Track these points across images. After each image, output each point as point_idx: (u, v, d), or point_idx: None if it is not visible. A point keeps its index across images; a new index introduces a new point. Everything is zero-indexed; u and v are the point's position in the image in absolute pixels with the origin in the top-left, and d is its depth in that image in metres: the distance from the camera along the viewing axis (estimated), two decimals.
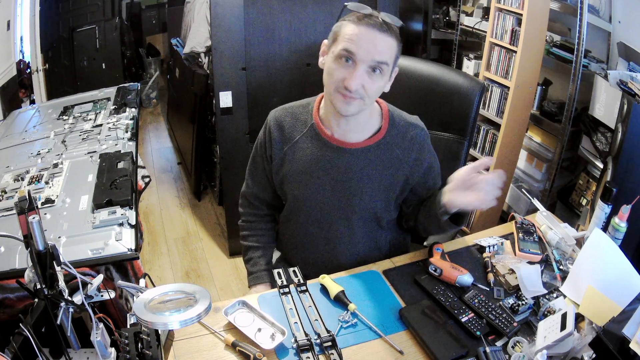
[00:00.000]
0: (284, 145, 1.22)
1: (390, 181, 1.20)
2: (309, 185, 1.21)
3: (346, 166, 1.18)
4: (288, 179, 1.23)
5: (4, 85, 2.35)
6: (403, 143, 1.19)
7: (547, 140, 2.48)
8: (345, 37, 1.03)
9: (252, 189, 1.34)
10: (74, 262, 0.99)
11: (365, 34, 1.01)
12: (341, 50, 1.03)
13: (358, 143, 1.18)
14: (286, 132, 1.22)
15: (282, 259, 1.44)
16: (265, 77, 2.23)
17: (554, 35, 2.40)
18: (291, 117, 1.23)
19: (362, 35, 1.01)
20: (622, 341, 0.84)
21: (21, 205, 0.84)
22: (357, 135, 1.18)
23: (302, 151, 1.20)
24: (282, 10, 2.16)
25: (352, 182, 1.19)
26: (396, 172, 1.19)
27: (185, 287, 0.92)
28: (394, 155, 1.19)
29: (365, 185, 1.19)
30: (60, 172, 1.55)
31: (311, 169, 1.20)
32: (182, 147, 3.52)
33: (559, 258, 1.24)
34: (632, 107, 1.69)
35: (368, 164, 1.18)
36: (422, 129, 1.22)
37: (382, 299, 1.12)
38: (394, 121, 1.20)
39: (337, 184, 1.20)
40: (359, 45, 1.01)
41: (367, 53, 1.02)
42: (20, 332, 0.80)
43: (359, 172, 1.18)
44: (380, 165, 1.19)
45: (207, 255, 2.63)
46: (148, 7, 4.82)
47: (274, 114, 1.25)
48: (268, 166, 1.27)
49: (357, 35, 1.01)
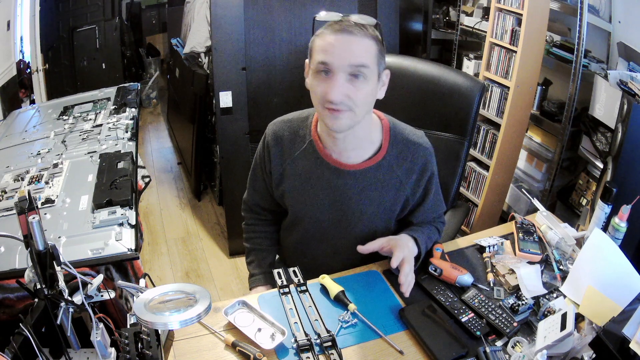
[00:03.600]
0: (283, 161, 1.19)
1: (391, 202, 1.17)
2: (308, 202, 1.19)
3: (344, 187, 1.15)
4: (288, 194, 1.21)
5: (4, 85, 2.35)
6: (405, 163, 1.14)
7: (547, 140, 2.49)
8: (318, 49, 0.99)
9: (253, 197, 1.32)
10: (74, 262, 0.99)
11: (337, 41, 0.96)
12: (317, 64, 0.98)
13: (356, 165, 1.13)
14: (285, 147, 1.18)
15: (282, 261, 1.44)
16: (265, 77, 2.23)
17: (554, 35, 2.40)
18: (290, 131, 1.18)
19: (334, 43, 0.96)
20: (622, 341, 0.84)
21: (21, 205, 0.84)
22: (355, 154, 1.13)
23: (301, 168, 1.17)
24: (282, 10, 2.17)
25: (350, 202, 1.16)
26: (397, 192, 1.16)
27: (185, 287, 0.92)
28: (394, 176, 1.14)
29: (365, 207, 1.16)
30: (60, 172, 1.55)
31: (309, 186, 1.17)
32: (182, 147, 3.52)
33: (559, 258, 1.24)
34: (632, 107, 1.69)
35: (367, 186, 1.14)
36: (425, 147, 1.16)
37: (382, 299, 1.12)
38: (395, 139, 1.14)
39: (336, 203, 1.17)
40: (332, 53, 0.96)
41: (342, 59, 0.96)
42: (20, 332, 0.80)
43: (357, 194, 1.15)
44: (380, 187, 1.15)
45: (207, 255, 2.63)
46: (148, 7, 4.82)
47: (272, 128, 1.21)
48: (268, 179, 1.25)
49: (330, 44, 0.96)
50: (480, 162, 2.67)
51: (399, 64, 1.53)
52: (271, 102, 2.27)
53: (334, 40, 0.96)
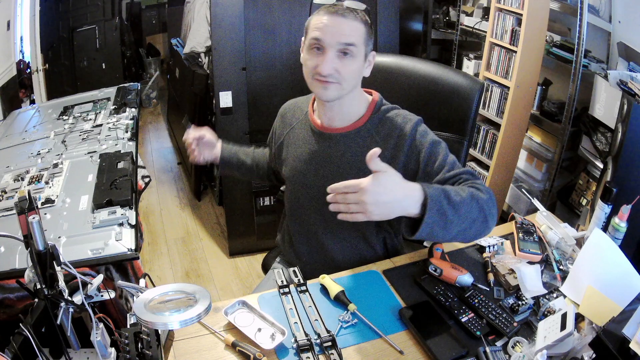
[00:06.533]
0: (283, 131, 1.33)
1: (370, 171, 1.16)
2: (298, 168, 1.27)
3: (326, 151, 1.22)
4: (285, 162, 1.32)
5: (4, 85, 2.35)
6: (383, 130, 1.17)
7: (547, 140, 2.49)
8: (313, 27, 1.10)
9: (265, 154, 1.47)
10: (74, 262, 0.99)
11: (330, 21, 1.08)
12: (310, 40, 1.10)
13: (338, 129, 1.21)
14: (287, 120, 1.33)
15: (283, 259, 1.44)
16: (265, 77, 2.23)
17: (554, 35, 2.40)
18: (294, 106, 1.35)
19: (327, 22, 1.08)
20: (622, 341, 0.84)
21: (21, 205, 0.84)
22: (340, 122, 1.21)
23: (296, 137, 1.29)
24: (282, 10, 2.17)
25: (332, 167, 1.21)
26: None
27: (185, 287, 0.92)
28: (373, 141, 1.17)
29: (345, 172, 1.19)
30: (60, 172, 1.55)
31: (300, 153, 1.27)
32: (182, 147, 3.51)
33: (559, 258, 1.24)
34: (632, 107, 1.69)
35: (347, 150, 1.19)
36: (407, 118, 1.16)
37: (382, 299, 1.12)
38: (378, 111, 1.20)
39: (320, 168, 1.23)
40: (325, 31, 1.08)
41: (333, 37, 1.07)
42: (20, 332, 0.80)
43: (338, 158, 1.20)
44: (360, 153, 1.17)
45: (207, 255, 2.63)
46: (148, 7, 4.82)
47: (283, 106, 1.38)
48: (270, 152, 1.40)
49: (323, 23, 1.08)
50: (480, 162, 2.67)
51: (399, 63, 1.53)
52: (271, 102, 2.26)
53: (328, 20, 1.08)
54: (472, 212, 0.98)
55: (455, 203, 0.95)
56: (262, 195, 2.47)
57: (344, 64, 1.09)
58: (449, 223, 0.95)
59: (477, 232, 1.02)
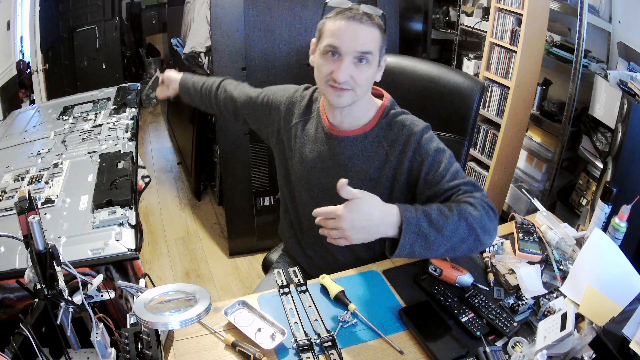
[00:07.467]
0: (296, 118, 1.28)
1: (377, 175, 1.18)
2: (305, 163, 1.25)
3: (334, 152, 1.21)
4: (293, 152, 1.28)
5: (4, 85, 2.35)
6: (391, 135, 1.17)
7: (547, 140, 2.49)
8: (329, 32, 1.07)
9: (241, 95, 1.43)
10: (74, 262, 0.99)
11: (347, 28, 1.05)
12: (326, 46, 1.07)
13: (346, 131, 1.19)
14: (303, 107, 1.28)
15: (283, 257, 1.44)
16: (265, 77, 2.23)
17: (554, 35, 2.40)
18: (311, 97, 1.29)
19: (344, 29, 1.05)
20: (622, 341, 0.84)
21: (21, 205, 0.84)
22: (349, 125, 1.20)
23: (307, 131, 1.26)
24: (282, 10, 2.17)
25: (339, 169, 1.20)
26: (383, 164, 1.17)
27: (185, 287, 0.92)
28: (380, 147, 1.17)
29: (351, 175, 1.16)
30: (60, 172, 1.55)
31: (309, 149, 1.25)
32: (182, 147, 3.52)
33: (559, 258, 1.24)
34: (632, 107, 1.69)
35: (354, 154, 1.19)
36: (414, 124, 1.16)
37: (382, 299, 1.12)
38: (386, 115, 1.19)
39: (326, 169, 1.22)
40: (342, 39, 1.05)
41: (350, 45, 1.05)
42: (20, 332, 0.80)
43: (345, 161, 1.20)
44: (366, 157, 1.18)
45: (207, 255, 2.63)
46: (148, 7, 4.81)
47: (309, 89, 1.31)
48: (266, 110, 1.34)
49: (340, 30, 1.05)
50: (480, 162, 2.67)
51: (399, 64, 1.53)
52: None
53: (345, 26, 1.05)
54: (460, 231, 1.00)
55: (438, 224, 0.99)
56: (262, 195, 2.47)
57: (360, 71, 1.07)
58: (432, 243, 1.00)
59: (469, 249, 1.05)
